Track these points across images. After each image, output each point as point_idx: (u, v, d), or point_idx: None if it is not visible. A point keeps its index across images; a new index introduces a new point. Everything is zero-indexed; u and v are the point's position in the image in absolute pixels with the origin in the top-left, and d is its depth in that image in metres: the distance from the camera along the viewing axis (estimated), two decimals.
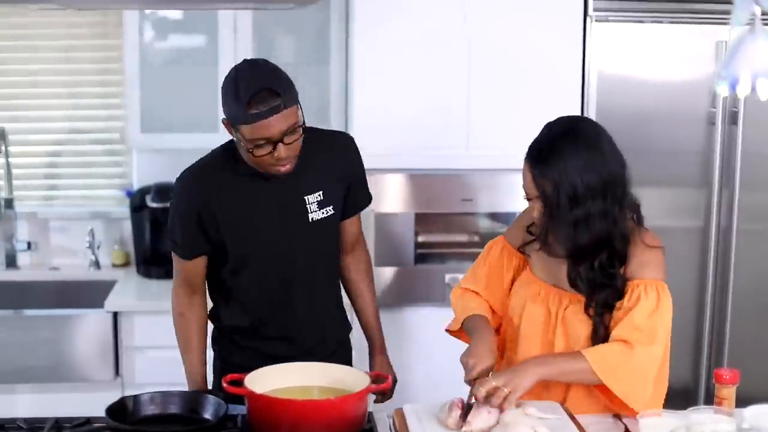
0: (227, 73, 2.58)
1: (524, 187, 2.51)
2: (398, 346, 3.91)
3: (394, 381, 2.85)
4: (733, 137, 3.90)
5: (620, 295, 2.50)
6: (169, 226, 2.77)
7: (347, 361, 2.92)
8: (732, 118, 3.88)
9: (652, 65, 3.89)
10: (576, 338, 2.54)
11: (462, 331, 2.72)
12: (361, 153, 2.90)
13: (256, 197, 2.68)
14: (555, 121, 2.54)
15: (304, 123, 2.57)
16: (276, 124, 2.47)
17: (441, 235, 3.99)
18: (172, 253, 2.79)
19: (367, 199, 2.93)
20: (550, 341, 2.58)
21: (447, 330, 2.80)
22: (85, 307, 4.07)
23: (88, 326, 3.90)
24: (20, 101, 4.48)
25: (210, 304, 2.89)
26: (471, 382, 2.45)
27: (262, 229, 2.70)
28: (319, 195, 2.73)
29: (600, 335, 2.51)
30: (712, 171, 3.91)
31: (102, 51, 4.45)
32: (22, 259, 4.44)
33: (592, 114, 3.86)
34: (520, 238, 2.71)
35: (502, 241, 2.78)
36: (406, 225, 3.89)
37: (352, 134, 3.56)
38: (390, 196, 3.86)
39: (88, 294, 4.26)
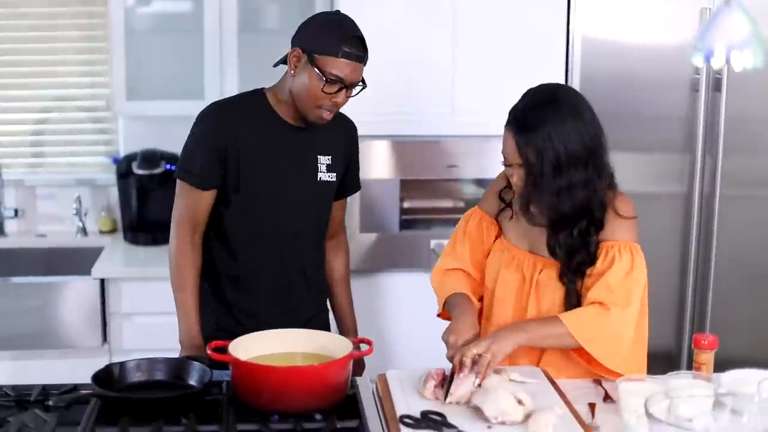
0: (324, 11, 2.79)
1: (505, 153, 2.51)
2: (383, 311, 3.95)
3: (364, 365, 2.92)
4: (716, 103, 3.90)
5: (592, 261, 2.52)
6: (185, 157, 2.80)
7: (326, 323, 3.01)
8: (716, 85, 3.88)
9: (637, 31, 3.89)
10: (550, 303, 2.57)
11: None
12: None
13: (279, 143, 2.79)
14: (537, 88, 2.54)
15: (364, 86, 2.73)
16: (355, 71, 2.67)
17: (426, 201, 3.99)
18: (180, 187, 2.80)
19: (357, 187, 3.05)
20: (524, 306, 2.61)
21: (438, 315, 2.79)
22: (73, 274, 4.09)
23: (76, 293, 3.91)
24: (5, 69, 4.46)
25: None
26: (452, 358, 2.47)
27: (277, 175, 2.79)
28: (329, 159, 2.86)
29: (572, 302, 2.54)
30: (695, 137, 3.92)
31: (87, 18, 4.43)
32: (10, 226, 4.45)
33: (576, 79, 3.86)
34: (496, 206, 2.73)
35: (478, 212, 2.79)
36: (392, 191, 3.90)
37: None
38: (375, 163, 3.87)
39: (75, 261, 4.28)
